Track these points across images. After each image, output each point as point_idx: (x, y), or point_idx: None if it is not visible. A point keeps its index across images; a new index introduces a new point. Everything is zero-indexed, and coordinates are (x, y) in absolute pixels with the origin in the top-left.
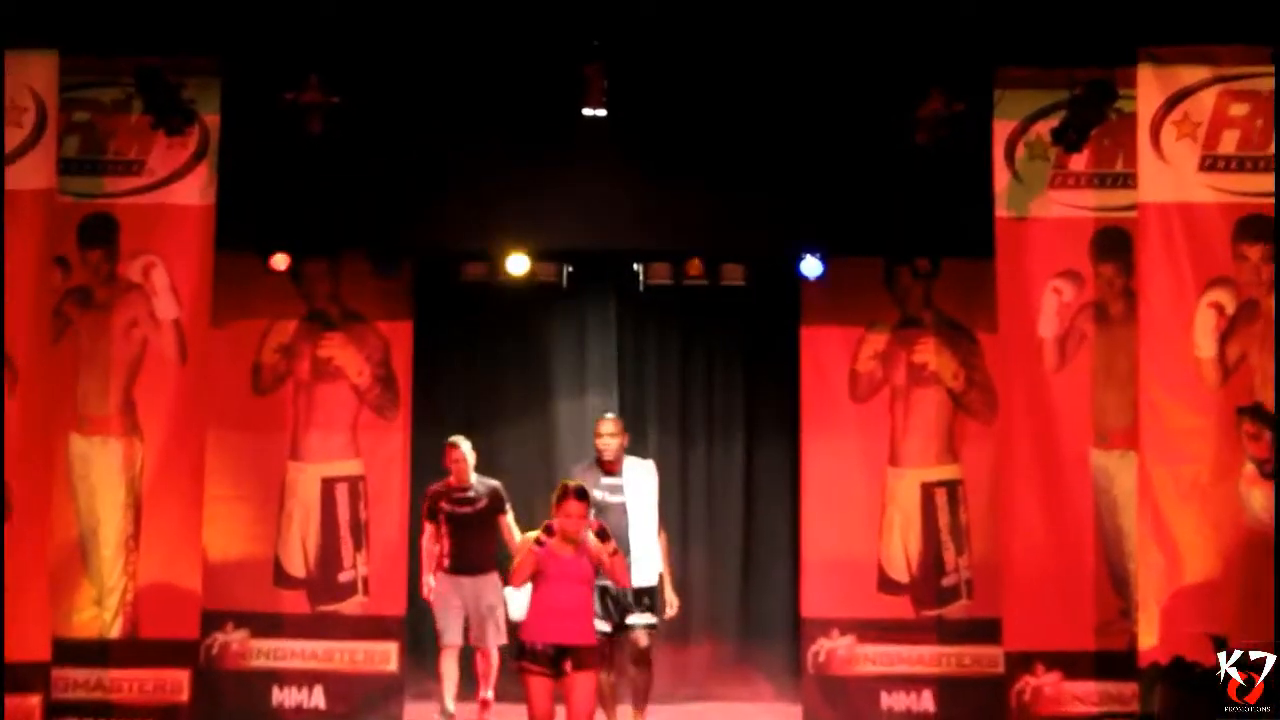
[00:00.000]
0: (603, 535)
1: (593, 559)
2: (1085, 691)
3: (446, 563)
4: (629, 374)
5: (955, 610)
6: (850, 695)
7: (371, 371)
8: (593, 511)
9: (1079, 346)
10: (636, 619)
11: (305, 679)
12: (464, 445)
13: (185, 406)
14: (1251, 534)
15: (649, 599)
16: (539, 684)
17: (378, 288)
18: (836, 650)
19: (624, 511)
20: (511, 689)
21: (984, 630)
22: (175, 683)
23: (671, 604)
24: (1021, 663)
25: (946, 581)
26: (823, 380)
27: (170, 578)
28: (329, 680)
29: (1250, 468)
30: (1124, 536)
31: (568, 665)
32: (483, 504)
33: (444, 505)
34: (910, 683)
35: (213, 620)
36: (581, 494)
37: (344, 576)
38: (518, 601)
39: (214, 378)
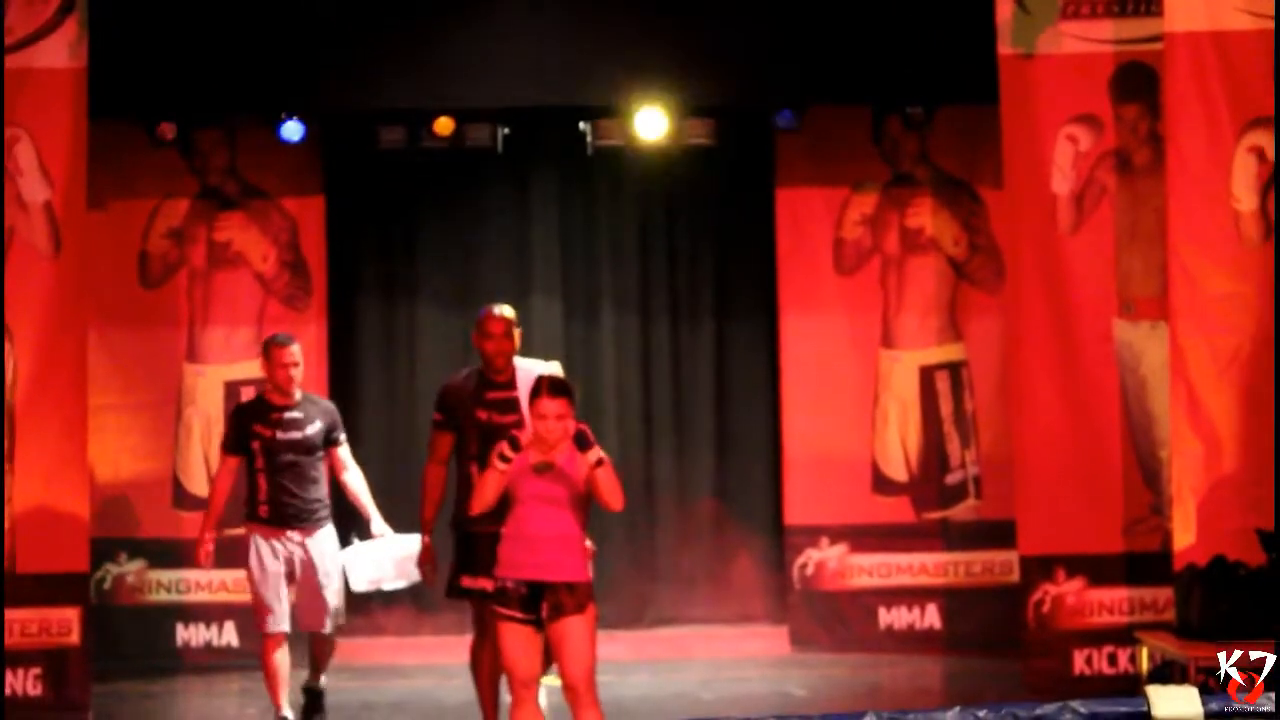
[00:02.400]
0: (582, 441)
1: (580, 473)
2: (1113, 599)
3: (262, 512)
4: (579, 249)
5: (962, 512)
6: (843, 613)
7: (278, 256)
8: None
9: (1098, 203)
10: None
11: (214, 614)
12: (295, 346)
13: (61, 303)
14: None
15: None
16: (513, 632)
17: (282, 159)
18: (826, 562)
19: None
20: (454, 615)
21: (995, 533)
22: (63, 623)
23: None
24: (1039, 569)
25: (951, 479)
26: (803, 250)
27: (52, 502)
28: (242, 615)
29: None
30: (1154, 421)
31: (545, 609)
32: (315, 430)
33: (260, 431)
34: (912, 596)
35: (104, 550)
36: (559, 388)
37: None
38: (361, 567)
39: (94, 269)
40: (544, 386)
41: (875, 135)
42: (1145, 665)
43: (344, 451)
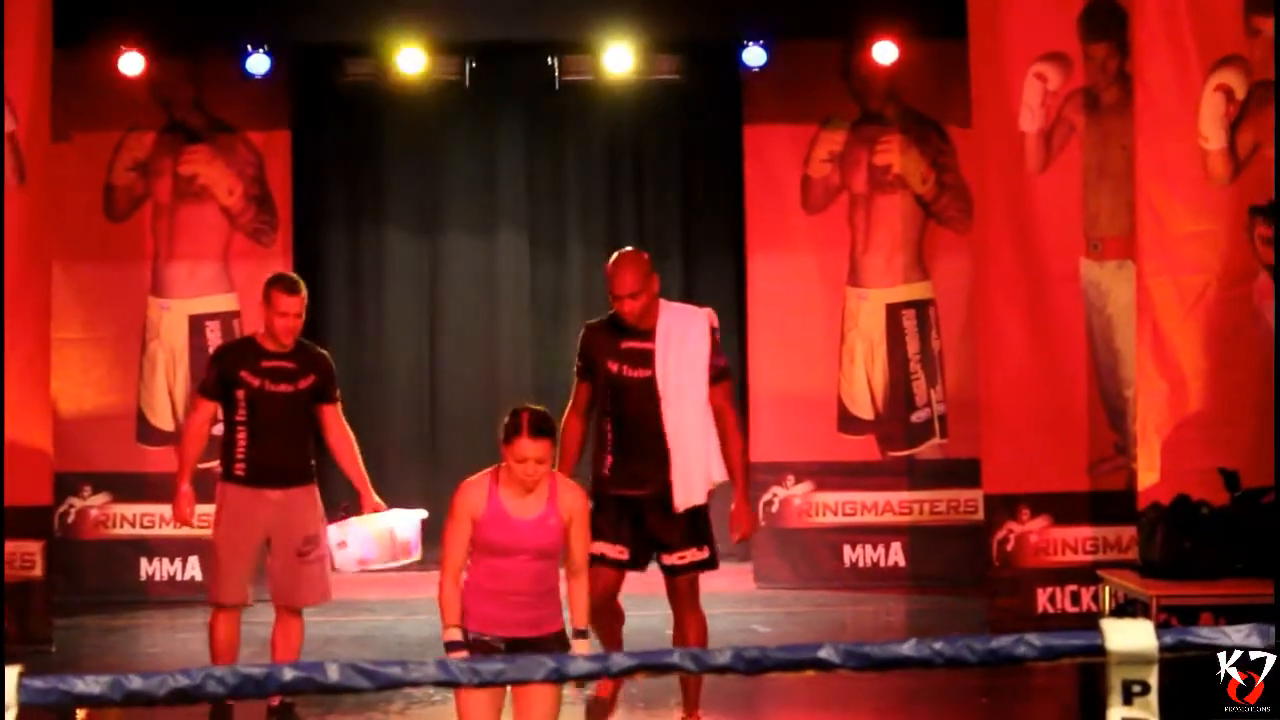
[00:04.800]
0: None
1: (562, 521)
2: (1077, 538)
3: (238, 470)
4: (546, 184)
5: (927, 450)
6: (808, 550)
7: (244, 190)
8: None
9: (1066, 141)
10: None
11: (177, 548)
12: (303, 294)
13: (25, 236)
14: (1265, 352)
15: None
16: (480, 696)
17: (248, 92)
18: (792, 499)
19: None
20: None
21: (960, 472)
22: (26, 556)
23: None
24: (1004, 507)
25: (917, 417)
26: (770, 188)
27: (15, 435)
28: (206, 551)
29: (1264, 277)
30: (1120, 360)
31: None
32: (307, 382)
33: (247, 378)
34: (877, 534)
35: (67, 483)
36: (542, 428)
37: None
38: (349, 544)
39: (59, 201)
40: (525, 424)
41: (844, 72)
42: (1108, 603)
43: (336, 411)
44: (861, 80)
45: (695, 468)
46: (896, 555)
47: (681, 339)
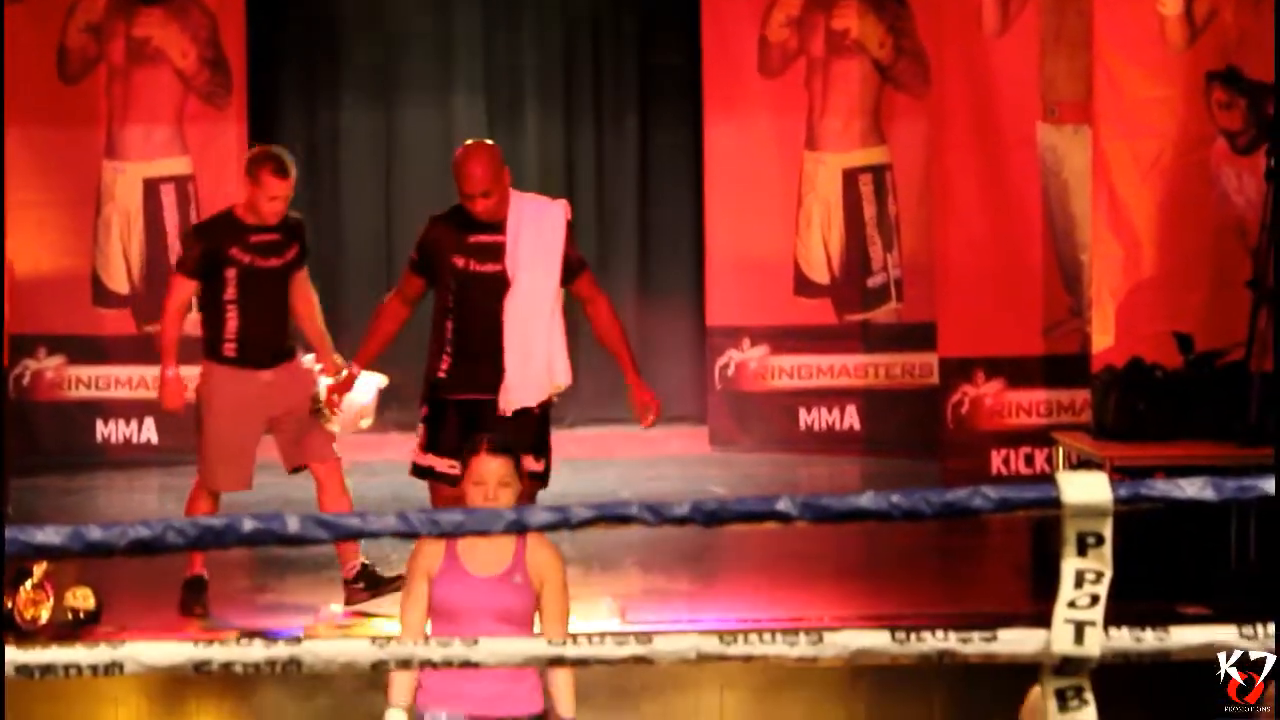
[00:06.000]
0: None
1: (537, 580)
2: (1031, 401)
3: (228, 350)
4: (503, 54)
5: (883, 314)
6: (763, 413)
7: (198, 53)
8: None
9: (1024, 5)
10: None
11: (133, 410)
12: (294, 176)
13: None
14: (1221, 217)
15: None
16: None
17: None
18: (747, 363)
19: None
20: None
21: (916, 336)
22: None
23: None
24: (958, 371)
25: (873, 282)
26: (728, 51)
27: None
28: (162, 411)
29: (1221, 142)
30: (1076, 225)
31: None
32: (292, 253)
33: (237, 256)
34: (832, 397)
35: (22, 345)
36: (501, 445)
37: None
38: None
39: (11, 63)
40: (482, 443)
41: None
42: (1061, 465)
43: (304, 275)
44: None
45: (532, 368)
46: (851, 419)
47: (535, 232)
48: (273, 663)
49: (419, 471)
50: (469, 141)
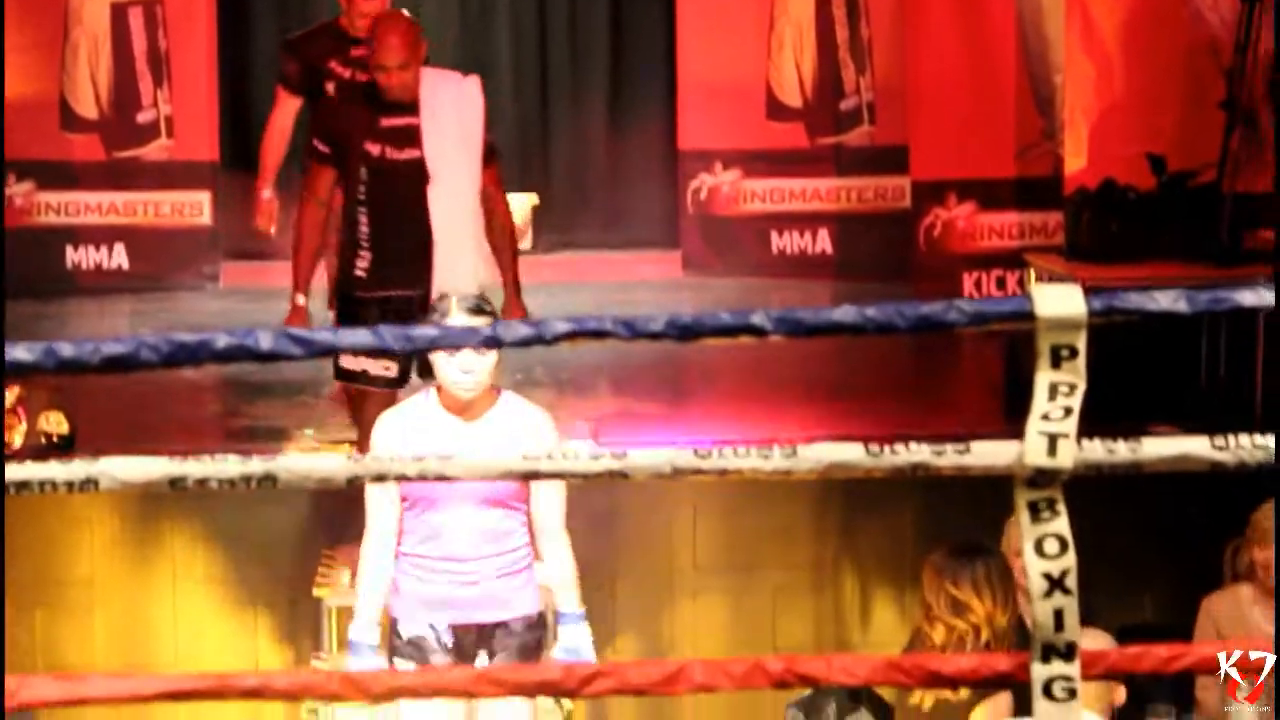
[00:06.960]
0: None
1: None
2: (1003, 223)
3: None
4: None
5: (856, 137)
6: (736, 237)
7: None
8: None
9: None
10: None
11: (104, 236)
12: None
13: None
14: (1194, 39)
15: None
16: None
17: None
18: (720, 187)
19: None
20: None
21: (888, 159)
22: None
23: None
24: (931, 194)
25: (845, 105)
26: None
27: None
28: (132, 236)
29: None
30: (1049, 46)
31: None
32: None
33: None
34: (804, 221)
35: None
36: (474, 310)
37: (143, 117)
38: None
39: None
40: (453, 306)
41: None
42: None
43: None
44: None
45: (463, 261)
46: (824, 242)
47: (455, 114)
48: (248, 478)
49: (347, 376)
50: (386, 7)
